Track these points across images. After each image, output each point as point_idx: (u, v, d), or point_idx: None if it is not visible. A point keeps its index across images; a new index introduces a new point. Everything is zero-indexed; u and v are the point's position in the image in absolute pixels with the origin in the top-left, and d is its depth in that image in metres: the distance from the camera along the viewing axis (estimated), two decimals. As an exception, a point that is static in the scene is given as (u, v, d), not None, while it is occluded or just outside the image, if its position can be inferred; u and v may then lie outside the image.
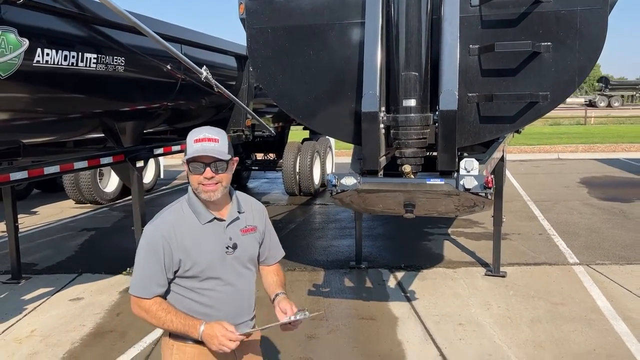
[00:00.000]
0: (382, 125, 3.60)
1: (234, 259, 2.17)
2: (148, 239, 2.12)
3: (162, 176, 12.49)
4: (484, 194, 3.35)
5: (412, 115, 3.61)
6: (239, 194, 2.29)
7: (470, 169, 3.37)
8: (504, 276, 5.90)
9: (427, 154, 3.94)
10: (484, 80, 3.80)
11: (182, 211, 2.15)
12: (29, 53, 3.65)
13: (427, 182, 3.44)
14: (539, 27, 3.66)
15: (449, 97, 3.43)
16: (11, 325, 4.88)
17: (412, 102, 3.58)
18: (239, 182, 12.52)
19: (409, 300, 5.33)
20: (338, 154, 16.05)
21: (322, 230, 8.45)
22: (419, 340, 4.45)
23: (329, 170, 12.86)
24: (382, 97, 3.63)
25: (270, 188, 13.19)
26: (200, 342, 2.10)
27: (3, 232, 8.31)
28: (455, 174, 3.52)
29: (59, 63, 3.94)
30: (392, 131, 3.71)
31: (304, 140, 12.18)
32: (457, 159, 3.54)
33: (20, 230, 6.23)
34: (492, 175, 3.55)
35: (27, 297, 5.60)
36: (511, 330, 4.56)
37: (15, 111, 4.11)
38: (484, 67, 3.79)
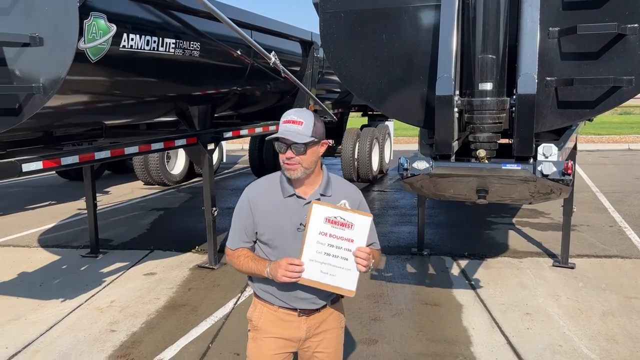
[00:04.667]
0: (456, 109, 3.57)
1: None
2: (240, 200, 2.35)
3: (224, 160, 12.82)
4: (563, 181, 3.27)
5: (488, 99, 3.55)
6: (333, 177, 2.37)
7: (548, 155, 3.30)
8: (572, 268, 5.73)
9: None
10: (563, 63, 3.68)
11: (273, 182, 2.31)
12: (116, 38, 3.84)
13: (503, 168, 3.39)
14: (625, 8, 3.50)
15: (528, 80, 3.35)
16: (92, 296, 5.21)
17: (488, 86, 3.52)
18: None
19: (473, 288, 5.29)
20: (396, 142, 15.96)
21: (382, 216, 8.46)
22: (485, 327, 4.42)
23: (387, 157, 12.82)
24: (456, 81, 3.59)
25: (329, 174, 13.27)
26: (270, 303, 2.32)
27: (79, 209, 8.85)
28: (532, 160, 3.45)
29: (142, 48, 4.13)
30: (466, 115, 3.67)
31: (363, 126, 12.18)
32: (534, 145, 3.46)
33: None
34: (572, 162, 3.45)
35: (105, 270, 5.95)
36: (582, 322, 4.45)
37: (100, 94, 4.35)
38: (564, 50, 3.66)
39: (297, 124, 2.16)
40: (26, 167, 3.88)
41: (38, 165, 3.98)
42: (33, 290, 5.34)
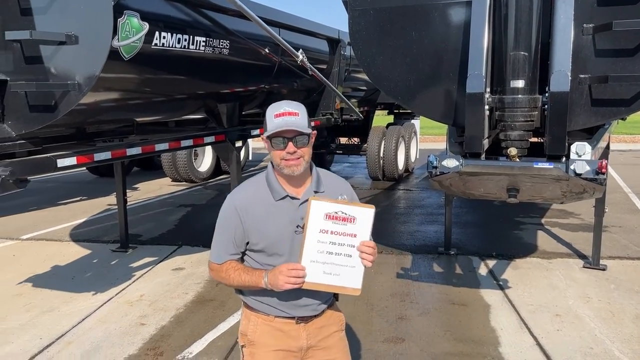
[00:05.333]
0: (486, 107, 3.53)
1: None
2: (224, 210, 2.16)
3: (250, 158, 12.93)
4: (596, 180, 3.21)
5: (520, 96, 3.50)
6: (321, 171, 2.22)
7: (582, 154, 3.24)
8: (604, 269, 5.61)
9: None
10: (597, 60, 3.61)
11: (260, 185, 2.14)
12: (148, 36, 3.91)
13: (535, 166, 3.34)
14: (664, 3, 3.41)
15: (561, 78, 3.30)
16: (122, 290, 5.32)
17: (520, 83, 3.48)
18: (322, 166, 12.66)
19: (501, 288, 5.22)
20: (422, 140, 15.86)
21: (408, 215, 8.42)
22: (513, 328, 4.36)
23: (413, 155, 12.74)
24: (487, 78, 3.55)
25: (353, 172, 13.27)
26: (265, 314, 2.15)
27: (109, 205, 9.03)
28: (564, 159, 3.39)
29: (173, 46, 4.20)
30: (497, 113, 3.63)
31: (389, 125, 12.13)
32: (566, 143, 3.40)
33: (126, 203, 6.71)
34: (606, 160, 3.38)
35: (135, 264, 6.06)
36: (614, 325, 4.35)
37: (132, 91, 4.43)
38: (599, 47, 3.59)
39: (294, 115, 2.01)
40: (61, 162, 3.97)
41: (72, 160, 4.07)
42: (66, 283, 5.48)
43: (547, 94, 3.42)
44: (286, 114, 2.01)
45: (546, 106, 3.44)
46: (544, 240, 6.78)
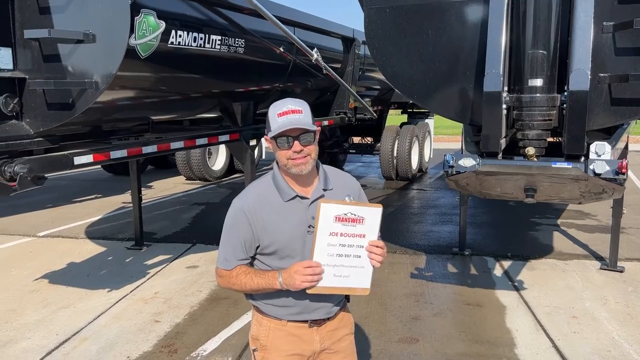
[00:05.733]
0: (504, 106, 3.49)
1: None
2: (231, 214, 2.09)
3: (264, 157, 12.95)
4: (616, 180, 3.15)
5: (538, 95, 3.46)
6: (328, 169, 2.16)
7: (601, 153, 3.19)
8: (621, 271, 5.54)
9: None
10: (618, 59, 3.55)
11: (267, 187, 2.08)
12: (165, 35, 3.92)
13: (554, 166, 3.30)
14: (686, 1, 3.35)
15: (581, 76, 3.25)
16: (137, 287, 5.35)
17: (538, 82, 3.43)
18: (335, 165, 12.68)
19: (517, 289, 5.17)
20: (436, 140, 15.77)
21: (421, 215, 8.37)
22: (529, 330, 4.32)
23: (427, 155, 12.68)
24: (505, 77, 3.52)
25: (366, 172, 13.24)
26: (277, 318, 2.10)
27: (124, 203, 9.10)
28: (583, 158, 3.34)
29: (189, 44, 4.21)
30: (514, 112, 3.59)
31: (403, 124, 12.08)
32: (585, 143, 3.36)
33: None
34: (627, 160, 3.33)
35: (149, 262, 6.10)
36: (632, 328, 4.29)
37: (149, 89, 4.45)
38: (619, 46, 3.54)
39: (299, 112, 1.95)
40: (77, 160, 4.00)
41: (89, 158, 4.09)
42: (81, 280, 5.52)
43: (565, 93, 3.37)
44: (290, 112, 1.95)
45: (565, 105, 3.39)
46: (560, 241, 6.70)
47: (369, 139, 12.70)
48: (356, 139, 13.02)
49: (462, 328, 4.35)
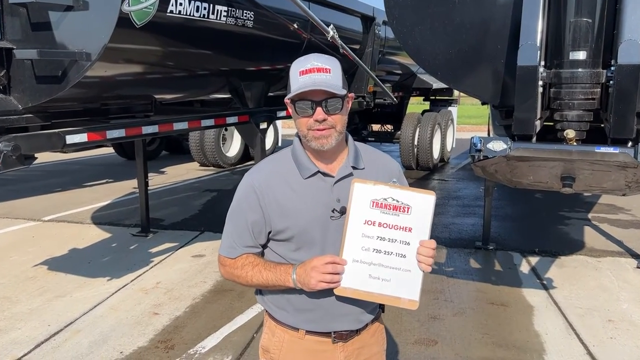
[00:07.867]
0: (540, 82, 3.07)
1: (341, 227, 1.62)
2: (239, 192, 1.75)
3: (280, 144, 12.60)
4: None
5: (580, 70, 3.03)
6: (361, 145, 1.79)
7: (655, 137, 2.76)
8: (661, 271, 5.09)
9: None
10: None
11: (284, 161, 1.73)
12: (163, 2, 3.58)
13: (597, 151, 2.87)
14: None
15: (632, 48, 2.82)
16: (139, 276, 5.07)
17: (581, 55, 3.00)
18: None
19: (545, 288, 4.76)
20: (459, 129, 15.26)
21: (443, 206, 7.95)
22: (560, 334, 3.92)
23: (449, 144, 12.21)
24: (542, 49, 3.09)
25: (386, 161, 12.82)
26: (293, 328, 1.73)
27: (134, 188, 8.86)
28: (631, 143, 2.92)
29: (191, 14, 3.85)
30: (552, 90, 3.16)
31: (424, 112, 11.63)
32: (635, 125, 2.92)
33: (149, 187, 6.48)
34: (685, 145, 2.89)
35: (154, 250, 5.82)
36: (675, 334, 3.87)
37: (147, 63, 4.11)
38: (676, 14, 3.08)
39: (325, 71, 1.58)
40: (70, 139, 3.70)
41: (82, 137, 3.79)
42: (81, 268, 5.26)
43: (612, 68, 2.94)
44: (315, 70, 1.57)
45: (611, 82, 2.96)
46: (592, 237, 6.25)
47: (388, 127, 12.25)
48: (375, 127, 12.58)
49: (485, 330, 3.97)
